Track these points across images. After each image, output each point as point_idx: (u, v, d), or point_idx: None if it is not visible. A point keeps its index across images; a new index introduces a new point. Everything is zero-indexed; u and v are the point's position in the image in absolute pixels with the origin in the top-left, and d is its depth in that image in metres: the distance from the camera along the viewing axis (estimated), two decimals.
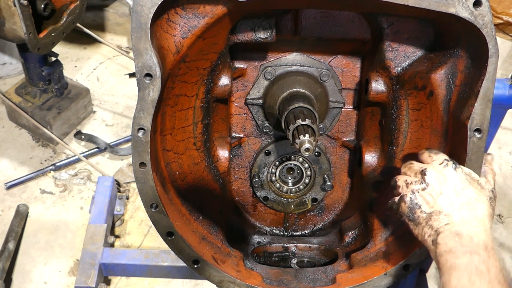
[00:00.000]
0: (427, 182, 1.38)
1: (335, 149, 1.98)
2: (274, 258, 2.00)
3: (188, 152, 1.73)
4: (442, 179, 1.37)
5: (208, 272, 1.67)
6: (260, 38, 1.68)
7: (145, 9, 1.31)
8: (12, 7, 2.74)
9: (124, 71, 4.46)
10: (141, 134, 1.42)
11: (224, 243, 1.79)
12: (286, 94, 1.77)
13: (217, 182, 1.84)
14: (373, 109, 1.83)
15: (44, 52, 3.17)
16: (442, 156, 1.43)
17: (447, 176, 1.38)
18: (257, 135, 1.95)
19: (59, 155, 3.77)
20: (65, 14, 3.16)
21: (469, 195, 1.34)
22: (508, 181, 3.76)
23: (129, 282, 3.10)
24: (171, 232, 1.58)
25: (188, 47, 1.48)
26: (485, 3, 1.32)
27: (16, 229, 3.21)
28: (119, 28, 4.90)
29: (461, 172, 1.39)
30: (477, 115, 1.42)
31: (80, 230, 3.31)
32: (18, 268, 3.13)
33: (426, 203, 1.36)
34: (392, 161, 1.76)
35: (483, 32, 1.34)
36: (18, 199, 3.48)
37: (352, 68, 1.86)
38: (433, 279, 3.08)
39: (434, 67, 1.55)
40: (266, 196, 2.00)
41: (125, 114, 4.11)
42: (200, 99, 1.69)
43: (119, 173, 3.68)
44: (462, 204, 1.33)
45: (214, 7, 1.43)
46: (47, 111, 3.77)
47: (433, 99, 1.57)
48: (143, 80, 1.37)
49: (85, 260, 2.82)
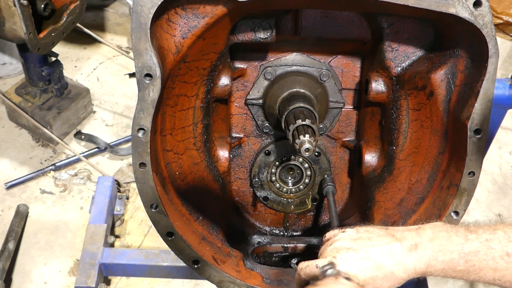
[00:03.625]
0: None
1: (335, 149, 1.98)
2: (274, 258, 2.00)
3: (188, 152, 1.73)
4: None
5: (208, 272, 1.67)
6: (260, 38, 1.68)
7: (145, 9, 1.31)
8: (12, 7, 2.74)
9: (124, 71, 4.45)
10: (141, 134, 1.42)
11: (224, 243, 1.79)
12: (286, 94, 1.77)
13: (217, 182, 1.84)
14: (373, 109, 1.83)
15: (44, 52, 3.17)
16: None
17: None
18: (257, 135, 1.95)
19: (59, 155, 3.77)
20: (65, 14, 3.16)
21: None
22: (508, 181, 3.76)
23: (129, 282, 3.10)
24: (171, 232, 1.58)
25: (188, 47, 1.48)
26: (485, 3, 1.32)
27: (16, 229, 3.21)
28: (119, 28, 4.89)
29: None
30: (477, 115, 1.42)
31: (80, 230, 3.31)
32: (18, 268, 3.13)
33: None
34: (392, 161, 1.76)
35: (483, 32, 1.34)
36: (18, 199, 3.48)
37: (352, 68, 1.86)
38: (433, 279, 3.08)
39: (434, 67, 1.55)
40: (266, 196, 2.00)
41: (125, 114, 4.11)
42: (200, 99, 1.69)
43: (119, 173, 3.67)
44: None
45: (214, 7, 1.43)
46: (47, 111, 3.76)
47: (433, 99, 1.57)
48: (143, 80, 1.37)
49: (85, 260, 2.82)
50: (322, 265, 1.27)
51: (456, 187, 1.52)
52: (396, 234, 1.30)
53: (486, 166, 3.77)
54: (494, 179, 3.76)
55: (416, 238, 1.27)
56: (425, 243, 1.26)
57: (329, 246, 1.33)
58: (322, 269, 1.26)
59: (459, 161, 1.49)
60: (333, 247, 1.32)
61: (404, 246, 1.26)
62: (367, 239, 1.31)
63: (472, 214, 3.48)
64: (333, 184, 1.93)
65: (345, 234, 1.35)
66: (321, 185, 1.97)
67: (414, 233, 1.29)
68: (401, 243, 1.27)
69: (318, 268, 1.27)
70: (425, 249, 1.25)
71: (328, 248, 1.33)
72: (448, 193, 1.56)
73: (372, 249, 1.27)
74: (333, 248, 1.31)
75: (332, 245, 1.33)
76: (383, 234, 1.31)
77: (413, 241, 1.27)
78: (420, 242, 1.26)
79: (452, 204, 1.54)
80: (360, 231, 1.35)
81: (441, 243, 1.25)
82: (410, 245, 1.26)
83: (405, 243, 1.27)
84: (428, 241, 1.26)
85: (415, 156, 1.71)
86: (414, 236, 1.28)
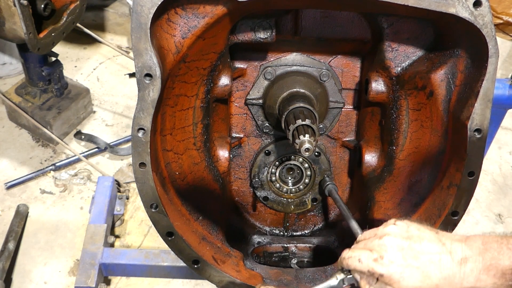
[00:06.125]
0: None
1: (335, 149, 1.98)
2: (274, 258, 2.00)
3: (188, 152, 1.73)
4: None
5: (208, 272, 1.67)
6: (260, 38, 1.68)
7: (145, 9, 1.31)
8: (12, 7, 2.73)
9: (124, 71, 4.45)
10: (141, 134, 1.42)
11: (224, 243, 1.79)
12: (286, 94, 1.77)
13: (217, 182, 1.84)
14: (373, 109, 1.83)
15: (44, 52, 3.16)
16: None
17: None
18: (257, 135, 1.95)
19: (59, 155, 3.77)
20: (65, 14, 3.16)
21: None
22: (508, 181, 3.76)
23: (129, 282, 3.10)
24: (171, 232, 1.58)
25: (188, 47, 1.48)
26: (485, 3, 1.32)
27: (16, 229, 3.20)
28: (119, 28, 4.89)
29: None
30: (477, 115, 1.41)
31: (80, 230, 3.31)
32: (18, 268, 3.12)
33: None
34: (392, 161, 1.76)
35: (483, 32, 1.34)
36: (18, 199, 3.48)
37: (352, 68, 1.86)
38: None
39: (434, 67, 1.55)
40: (266, 196, 2.00)
41: (125, 114, 4.11)
42: (200, 99, 1.69)
43: (119, 173, 3.67)
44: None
45: (214, 7, 1.43)
46: (47, 111, 3.76)
47: (433, 99, 1.57)
48: (143, 80, 1.37)
49: (85, 260, 2.82)
50: (366, 261, 1.24)
51: (456, 187, 1.52)
52: (446, 242, 1.24)
53: (486, 166, 3.77)
54: (494, 179, 3.76)
55: (466, 251, 1.21)
56: (475, 256, 1.20)
57: (378, 239, 1.27)
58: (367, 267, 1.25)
59: (459, 161, 1.49)
60: (382, 243, 1.25)
61: (454, 259, 1.20)
62: (418, 242, 1.24)
63: (472, 214, 3.48)
64: (332, 182, 1.93)
65: (397, 230, 1.28)
66: (321, 185, 1.97)
67: (463, 245, 1.22)
68: (452, 256, 1.21)
69: (361, 262, 1.25)
70: (475, 263, 1.19)
71: (377, 241, 1.26)
72: (448, 193, 1.56)
73: (422, 256, 1.22)
74: (382, 244, 1.25)
75: (382, 239, 1.26)
76: (434, 240, 1.24)
77: (463, 254, 1.21)
78: (470, 255, 1.20)
79: (452, 204, 1.54)
80: (411, 228, 1.28)
81: (492, 256, 1.19)
82: (461, 258, 1.20)
83: (455, 256, 1.21)
84: (478, 255, 1.20)
85: (415, 156, 1.71)
86: (464, 249, 1.21)
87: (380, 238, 1.27)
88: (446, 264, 1.21)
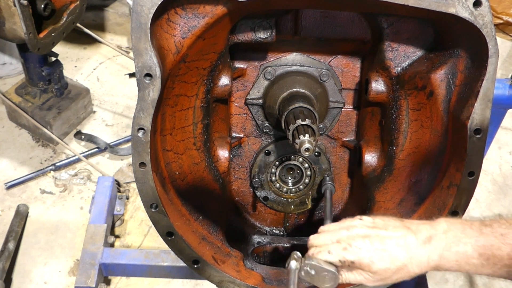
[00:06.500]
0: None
1: (335, 149, 1.98)
2: (274, 258, 2.00)
3: (188, 152, 1.73)
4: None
5: (208, 272, 1.67)
6: (260, 38, 1.68)
7: (145, 9, 1.31)
8: (12, 7, 2.73)
9: (124, 71, 4.45)
10: (141, 134, 1.42)
11: (224, 243, 1.79)
12: (286, 94, 1.77)
13: (217, 182, 1.84)
14: (373, 109, 1.83)
15: (44, 52, 3.16)
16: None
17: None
18: (257, 135, 1.95)
19: (59, 155, 3.77)
20: (65, 14, 3.16)
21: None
22: (508, 181, 3.76)
23: (129, 282, 3.10)
24: (171, 232, 1.58)
25: (188, 47, 1.48)
26: (485, 3, 1.32)
27: (16, 229, 3.21)
28: (119, 28, 4.89)
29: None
30: (477, 115, 1.41)
31: (80, 230, 3.31)
32: (18, 268, 3.13)
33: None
34: (392, 161, 1.76)
35: (483, 32, 1.34)
36: (18, 199, 3.48)
37: (352, 68, 1.86)
38: (433, 279, 3.08)
39: (434, 67, 1.55)
40: (266, 196, 2.00)
41: (125, 114, 4.11)
42: (200, 99, 1.69)
43: (119, 173, 3.67)
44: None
45: (214, 7, 1.43)
46: (47, 111, 3.76)
47: (433, 99, 1.57)
48: (143, 80, 1.37)
49: (85, 260, 2.82)
50: (336, 252, 1.29)
51: (456, 187, 1.52)
52: (412, 226, 1.31)
53: (486, 166, 3.77)
54: (494, 179, 3.76)
55: (431, 231, 1.27)
56: (439, 235, 1.26)
57: (345, 230, 1.34)
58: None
59: (459, 161, 1.49)
60: (349, 233, 1.32)
61: (419, 239, 1.27)
62: (383, 229, 1.31)
63: (472, 214, 3.48)
64: (332, 183, 1.93)
65: (362, 222, 1.35)
66: (321, 185, 1.97)
67: (428, 226, 1.29)
68: (416, 236, 1.27)
69: (331, 254, 1.30)
70: (439, 240, 1.25)
71: (345, 232, 1.33)
72: (448, 193, 1.56)
73: (388, 240, 1.28)
74: (349, 234, 1.32)
75: (349, 230, 1.33)
76: (399, 226, 1.32)
77: (428, 234, 1.27)
78: (434, 234, 1.27)
79: (452, 204, 1.54)
80: (377, 220, 1.35)
81: (455, 234, 1.25)
82: (425, 237, 1.27)
83: (420, 236, 1.27)
84: (442, 233, 1.26)
85: (415, 156, 1.71)
86: (428, 229, 1.28)
87: (347, 229, 1.34)
88: (411, 244, 1.27)
